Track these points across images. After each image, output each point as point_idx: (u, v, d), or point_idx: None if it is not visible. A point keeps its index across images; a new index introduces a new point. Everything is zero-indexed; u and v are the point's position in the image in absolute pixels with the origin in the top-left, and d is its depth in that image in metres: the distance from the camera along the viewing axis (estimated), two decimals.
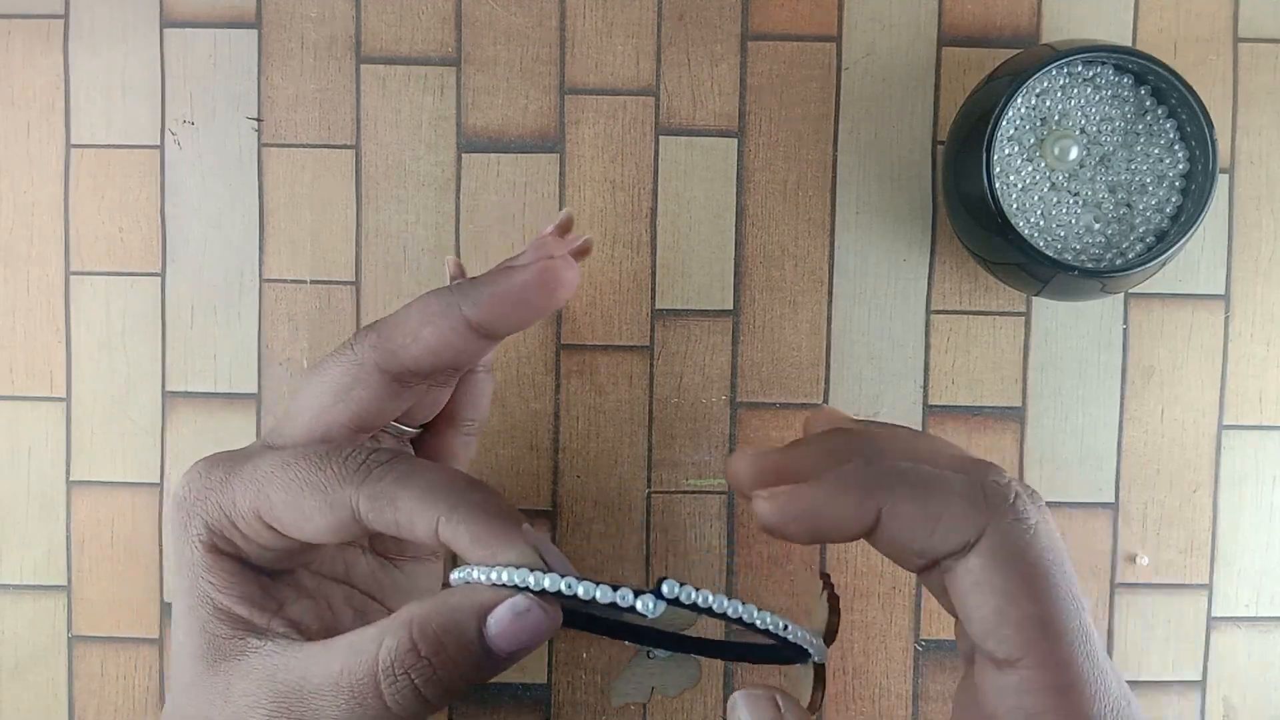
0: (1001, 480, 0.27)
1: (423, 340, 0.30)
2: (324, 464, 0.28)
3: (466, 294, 0.30)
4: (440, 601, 0.26)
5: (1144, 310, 0.42)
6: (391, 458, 0.27)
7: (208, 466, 0.30)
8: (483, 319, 0.30)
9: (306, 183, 0.42)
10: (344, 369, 0.31)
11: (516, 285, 0.30)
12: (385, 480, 0.27)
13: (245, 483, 0.29)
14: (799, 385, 0.42)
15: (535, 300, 0.30)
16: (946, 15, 0.42)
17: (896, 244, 0.42)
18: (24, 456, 0.43)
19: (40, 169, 0.42)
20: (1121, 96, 0.38)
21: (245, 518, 0.28)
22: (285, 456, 0.28)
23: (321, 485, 0.27)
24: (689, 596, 0.25)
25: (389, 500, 0.27)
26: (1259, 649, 0.42)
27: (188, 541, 0.29)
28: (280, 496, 0.28)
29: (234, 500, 0.29)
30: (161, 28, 0.42)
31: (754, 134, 0.42)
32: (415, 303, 0.31)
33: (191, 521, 0.29)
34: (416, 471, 0.27)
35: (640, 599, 0.25)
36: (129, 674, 0.43)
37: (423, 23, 0.42)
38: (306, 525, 0.28)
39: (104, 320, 0.43)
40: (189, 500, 0.30)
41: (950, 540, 0.26)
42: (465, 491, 0.27)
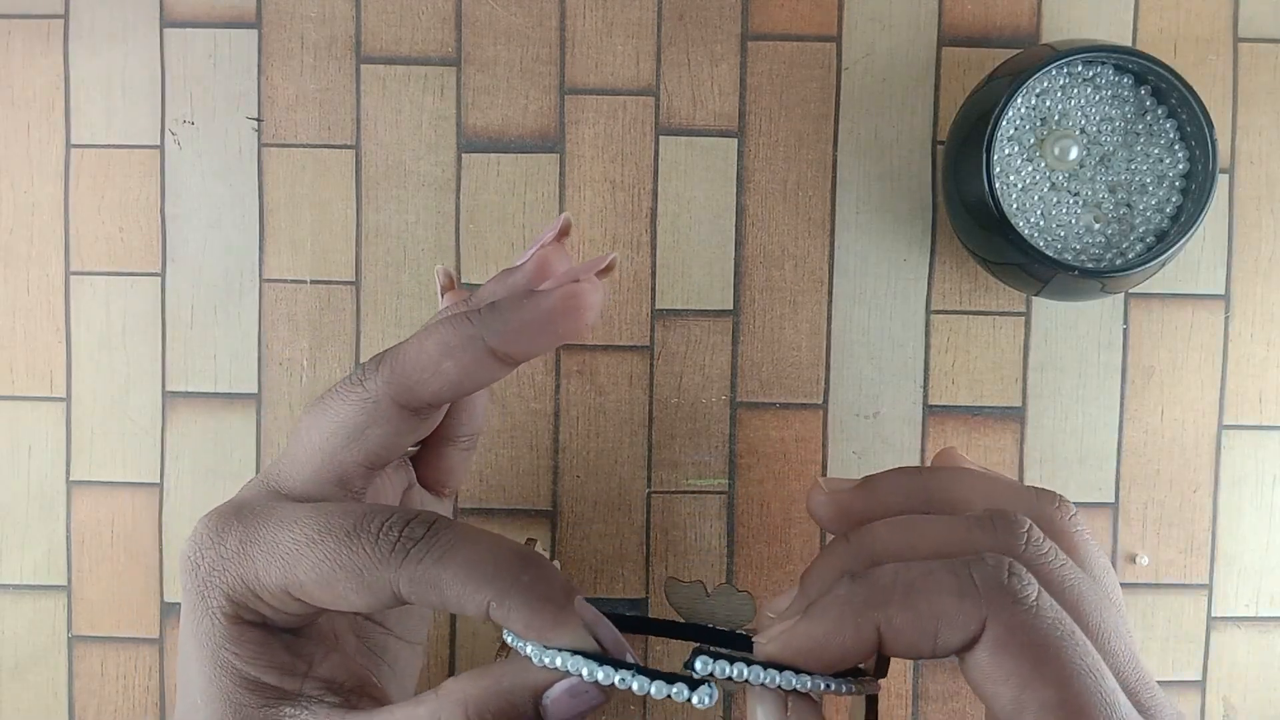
0: (990, 564, 0.26)
1: (445, 374, 0.29)
2: (355, 542, 0.26)
3: (488, 325, 0.28)
4: (495, 682, 0.26)
5: (1144, 310, 0.42)
6: (427, 530, 0.26)
7: (218, 529, 0.28)
8: (508, 349, 0.29)
9: (306, 183, 0.42)
10: (356, 407, 0.29)
11: (543, 313, 0.29)
12: (426, 561, 0.25)
13: (267, 556, 0.27)
14: (799, 385, 0.42)
15: (562, 328, 0.29)
16: (946, 15, 0.42)
17: (896, 244, 0.42)
18: (24, 456, 0.43)
19: (40, 169, 0.42)
20: (1121, 96, 0.38)
21: (271, 592, 0.27)
22: (308, 528, 0.26)
23: (356, 568, 0.26)
24: (723, 671, 0.26)
25: (432, 584, 0.25)
26: (1259, 649, 0.42)
27: (207, 613, 0.28)
28: (310, 577, 0.26)
29: (257, 575, 0.27)
30: (161, 28, 0.42)
31: (754, 134, 0.42)
32: (431, 334, 0.29)
33: (209, 593, 0.28)
34: (458, 547, 0.26)
35: (696, 694, 0.25)
36: (129, 674, 0.43)
37: (423, 23, 0.42)
38: (342, 604, 0.26)
39: (104, 320, 0.43)
40: (203, 569, 0.28)
41: (954, 640, 0.26)
42: (515, 573, 0.25)
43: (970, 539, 0.28)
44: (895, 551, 0.29)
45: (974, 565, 0.26)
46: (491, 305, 0.29)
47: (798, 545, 0.42)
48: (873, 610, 0.26)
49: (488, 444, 0.42)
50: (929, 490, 0.31)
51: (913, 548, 0.28)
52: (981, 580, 0.26)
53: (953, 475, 0.31)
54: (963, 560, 0.27)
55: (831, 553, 0.30)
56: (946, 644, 0.26)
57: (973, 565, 0.26)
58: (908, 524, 0.29)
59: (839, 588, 0.27)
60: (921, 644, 0.26)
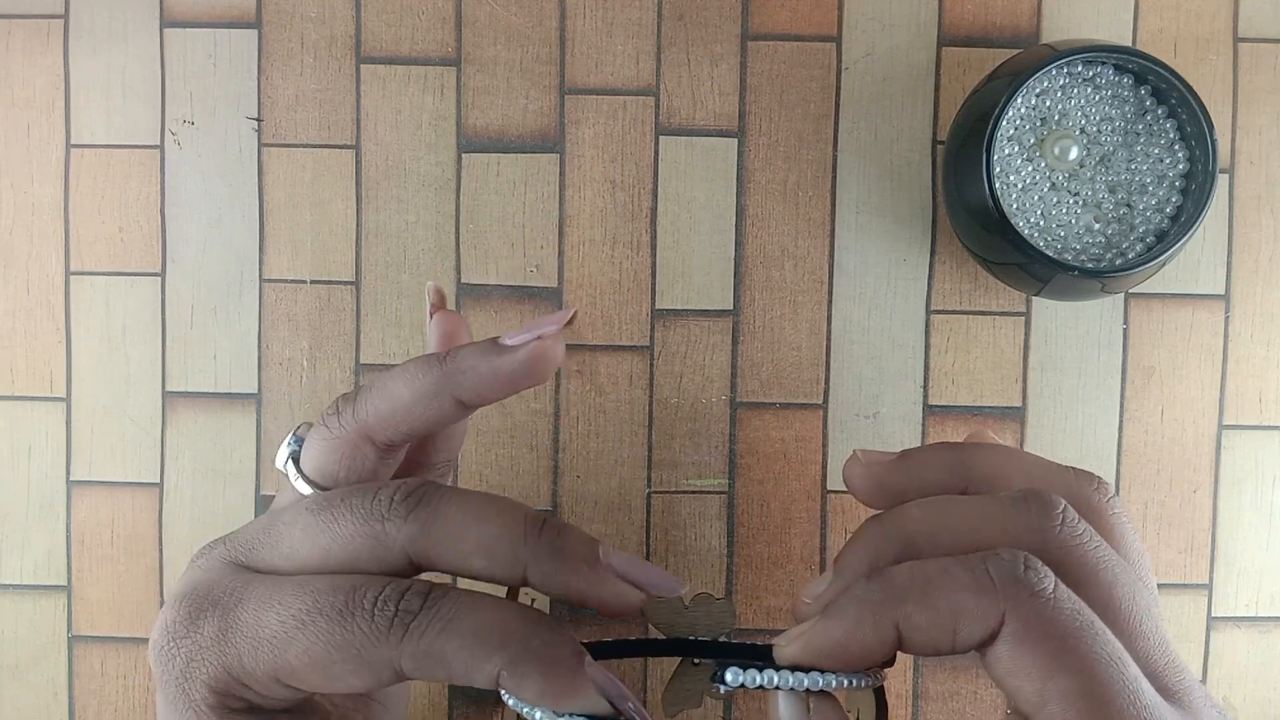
0: (1006, 558, 0.26)
1: (412, 417, 0.29)
2: (349, 620, 0.24)
3: (455, 378, 0.29)
4: None
5: (1144, 310, 0.42)
6: (424, 601, 0.25)
7: (190, 617, 0.26)
8: (472, 400, 0.30)
9: (306, 183, 0.42)
10: (328, 444, 0.30)
11: (509, 370, 0.29)
12: (429, 634, 0.24)
13: (251, 642, 0.25)
14: (799, 385, 0.42)
15: (523, 382, 0.30)
16: (946, 15, 0.42)
17: (896, 244, 0.42)
18: (24, 456, 0.43)
19: (40, 169, 0.42)
20: (1121, 96, 0.38)
21: (258, 680, 0.25)
22: (294, 609, 0.25)
23: (353, 648, 0.24)
24: (754, 681, 0.26)
25: (437, 658, 0.24)
26: (1259, 649, 0.42)
27: (189, 707, 0.26)
28: (302, 661, 0.25)
29: (241, 662, 0.25)
30: (161, 28, 0.42)
31: (754, 134, 0.42)
32: (403, 381, 0.29)
33: (190, 684, 0.26)
34: (460, 616, 0.25)
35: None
36: (129, 674, 0.43)
37: (423, 23, 0.42)
38: (338, 686, 0.25)
39: (104, 320, 0.43)
40: (179, 661, 0.26)
41: (974, 635, 0.26)
42: (525, 639, 0.25)
43: (1005, 520, 0.28)
44: (928, 532, 0.28)
45: (990, 560, 0.26)
46: (457, 355, 0.29)
47: (798, 545, 0.42)
48: (891, 609, 0.26)
49: (488, 444, 0.42)
50: (967, 467, 0.31)
51: (947, 529, 0.28)
52: (998, 575, 0.26)
53: (991, 452, 0.31)
54: (979, 555, 0.27)
55: (864, 536, 0.30)
56: (966, 640, 0.26)
57: (989, 560, 0.26)
58: (942, 505, 0.29)
59: (856, 588, 0.27)
60: (941, 641, 0.26)
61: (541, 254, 0.42)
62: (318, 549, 0.26)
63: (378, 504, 0.26)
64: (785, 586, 0.42)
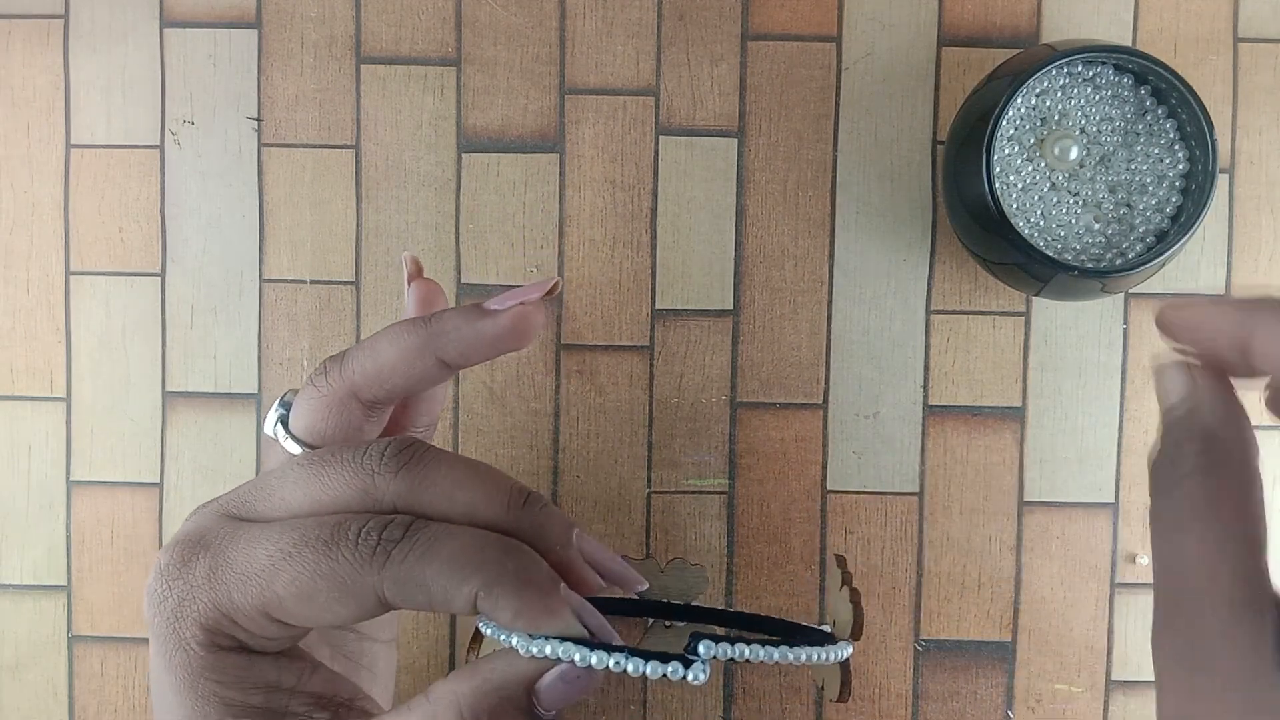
0: None
1: (396, 376, 0.30)
2: (334, 550, 0.25)
3: (439, 339, 0.30)
4: (484, 680, 0.25)
5: (1144, 310, 0.42)
6: (405, 530, 0.25)
7: (183, 558, 0.27)
8: (455, 360, 0.30)
9: (306, 183, 0.42)
10: (317, 403, 0.31)
11: (492, 333, 0.30)
12: (409, 560, 0.25)
13: (241, 577, 0.26)
14: (799, 385, 0.42)
15: (507, 344, 0.31)
16: (946, 15, 0.42)
17: (896, 244, 0.42)
18: (24, 456, 0.43)
19: (40, 169, 0.42)
20: (1121, 96, 0.38)
21: (248, 614, 0.26)
22: (281, 543, 0.26)
23: (337, 575, 0.25)
24: (725, 654, 0.26)
25: (417, 582, 0.25)
26: None
27: (180, 646, 0.27)
28: (289, 591, 0.25)
29: (231, 598, 0.26)
30: (161, 28, 0.42)
31: (754, 134, 0.42)
32: (387, 338, 0.30)
33: (181, 622, 0.26)
34: (439, 542, 0.25)
35: (691, 670, 0.25)
36: (129, 674, 0.43)
37: (423, 23, 0.42)
38: (324, 616, 0.26)
39: (104, 320, 0.43)
40: (172, 601, 0.27)
41: None
42: (499, 561, 0.25)
43: None
44: None
45: None
46: (442, 317, 0.30)
47: (798, 545, 0.42)
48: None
49: (488, 444, 0.42)
50: None
51: None
52: None
53: None
54: None
55: None
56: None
57: None
58: None
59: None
60: None
61: (541, 254, 0.42)
62: (308, 500, 0.27)
63: (368, 458, 0.26)
64: (785, 586, 0.42)
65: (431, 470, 0.26)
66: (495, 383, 0.42)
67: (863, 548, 0.42)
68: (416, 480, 0.26)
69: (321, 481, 0.27)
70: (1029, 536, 0.42)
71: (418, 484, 0.26)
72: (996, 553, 0.42)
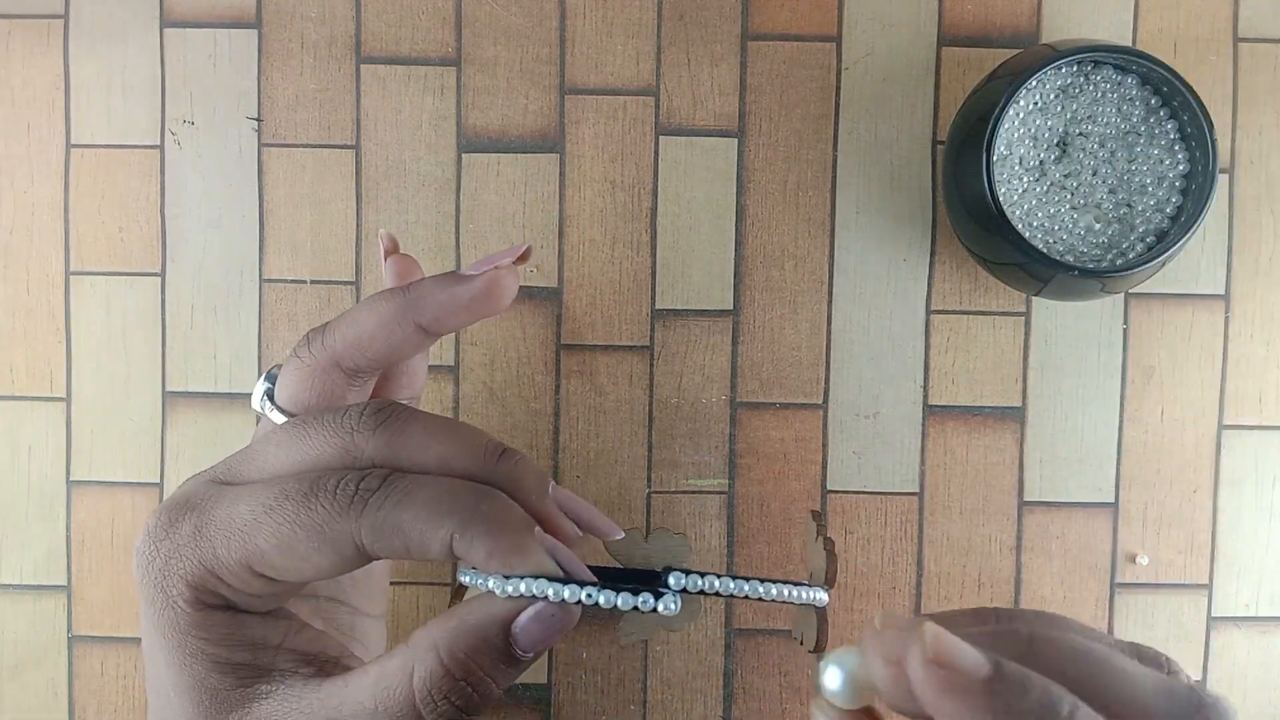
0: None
1: (377, 343, 0.31)
2: (313, 501, 0.26)
3: (416, 305, 0.31)
4: (461, 622, 0.26)
5: (1144, 310, 0.42)
6: (382, 481, 0.26)
7: (170, 519, 0.27)
8: (432, 326, 0.31)
9: (306, 183, 0.42)
10: (303, 373, 0.32)
11: (467, 297, 0.31)
12: (385, 506, 0.25)
13: (224, 533, 0.26)
14: (799, 385, 0.42)
15: (481, 308, 0.31)
16: (946, 15, 0.42)
17: (896, 244, 0.42)
18: (24, 456, 0.43)
19: (40, 169, 0.42)
20: (1121, 97, 0.38)
21: (232, 570, 0.26)
22: (264, 498, 0.26)
23: (316, 525, 0.25)
24: (695, 585, 0.26)
25: (394, 527, 0.25)
26: (1259, 649, 0.42)
27: (168, 604, 0.27)
28: (270, 543, 0.26)
29: (215, 554, 0.26)
30: (161, 28, 0.42)
31: (754, 134, 0.42)
32: (367, 308, 0.31)
33: (168, 581, 0.27)
34: (415, 489, 0.26)
35: (661, 601, 0.26)
36: (129, 674, 0.43)
37: (423, 23, 0.42)
38: (305, 568, 0.26)
39: (104, 320, 0.43)
40: (159, 561, 0.27)
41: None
42: (473, 504, 0.26)
43: None
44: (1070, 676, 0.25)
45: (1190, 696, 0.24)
46: (419, 285, 0.31)
47: (798, 545, 0.42)
48: None
49: None
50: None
51: (1093, 685, 0.25)
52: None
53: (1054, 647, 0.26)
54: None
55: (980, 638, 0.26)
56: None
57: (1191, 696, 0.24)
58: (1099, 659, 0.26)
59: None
60: None
61: (541, 254, 0.42)
62: (290, 461, 0.27)
63: (348, 418, 0.27)
64: None
65: (408, 426, 0.27)
66: (495, 383, 0.42)
67: (863, 548, 0.42)
68: (394, 436, 0.27)
69: (303, 443, 0.27)
70: (1029, 536, 0.42)
71: (395, 440, 0.27)
72: (996, 553, 0.42)
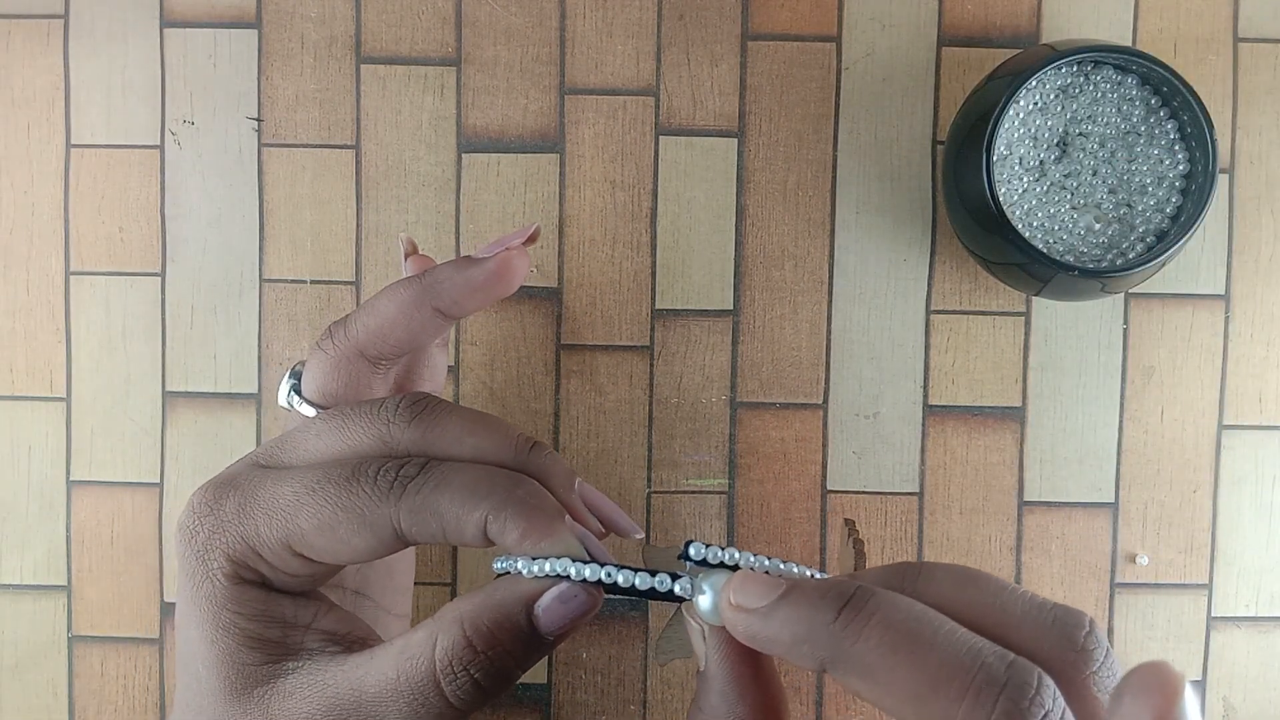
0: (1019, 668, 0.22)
1: (398, 328, 0.33)
2: (354, 485, 0.27)
3: (434, 290, 0.33)
4: (487, 597, 0.27)
5: (1144, 310, 0.42)
6: (421, 467, 0.27)
7: (215, 496, 0.29)
8: (450, 309, 0.33)
9: (306, 183, 0.42)
10: (331, 362, 0.33)
11: (480, 279, 0.33)
12: (424, 491, 0.27)
13: (267, 512, 0.27)
14: (799, 385, 0.42)
15: (495, 289, 0.33)
16: (946, 15, 0.42)
17: (896, 244, 0.42)
18: (24, 456, 0.43)
19: (40, 169, 0.42)
20: (1121, 97, 0.38)
21: (272, 548, 0.28)
22: (307, 481, 0.27)
23: (356, 508, 0.27)
24: (715, 557, 0.26)
25: (431, 511, 0.26)
26: (1259, 649, 0.42)
27: (207, 577, 0.28)
28: (312, 524, 0.27)
29: (258, 531, 0.28)
30: (161, 28, 0.42)
31: (754, 134, 0.42)
32: (387, 296, 0.33)
33: (210, 555, 0.28)
34: (452, 474, 0.27)
35: (679, 583, 0.26)
36: (129, 674, 0.43)
37: (423, 23, 0.42)
38: (343, 549, 0.27)
39: (104, 320, 0.43)
40: (202, 535, 0.28)
41: None
42: (508, 489, 0.27)
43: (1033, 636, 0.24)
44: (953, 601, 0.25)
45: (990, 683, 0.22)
46: (435, 270, 0.33)
47: (797, 545, 0.42)
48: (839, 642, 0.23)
49: None
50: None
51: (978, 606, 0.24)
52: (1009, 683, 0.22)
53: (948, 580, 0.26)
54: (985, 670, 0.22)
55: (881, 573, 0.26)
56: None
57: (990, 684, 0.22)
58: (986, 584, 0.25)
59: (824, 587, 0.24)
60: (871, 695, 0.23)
61: (541, 254, 0.42)
62: (329, 449, 0.29)
63: (384, 410, 0.29)
64: None
65: (443, 418, 0.28)
66: (495, 383, 0.42)
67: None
68: (429, 427, 0.28)
69: (342, 432, 0.29)
70: (1029, 536, 0.42)
71: (430, 430, 0.28)
72: (996, 553, 0.42)
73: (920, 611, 0.23)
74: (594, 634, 0.42)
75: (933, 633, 0.23)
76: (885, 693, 0.23)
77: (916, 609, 0.23)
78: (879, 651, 0.23)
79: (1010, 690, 0.22)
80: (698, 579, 0.26)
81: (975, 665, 0.22)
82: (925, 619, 0.23)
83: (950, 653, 0.22)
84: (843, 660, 0.23)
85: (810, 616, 0.23)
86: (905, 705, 0.22)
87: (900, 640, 0.23)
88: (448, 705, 0.26)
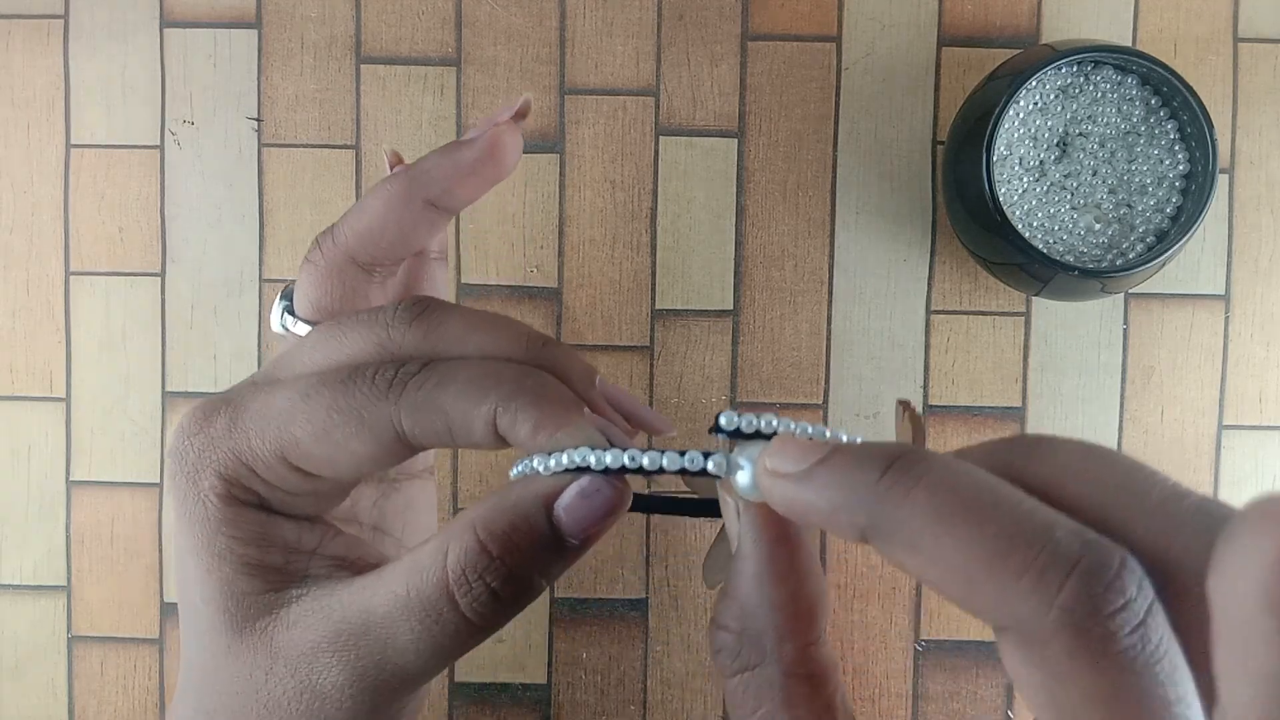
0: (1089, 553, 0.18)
1: (390, 225, 0.29)
2: (351, 386, 0.24)
3: (422, 179, 0.29)
4: (501, 499, 0.24)
5: (1144, 310, 0.42)
6: (422, 366, 0.25)
7: (205, 413, 0.26)
8: (442, 200, 0.29)
9: (306, 183, 0.42)
10: (320, 272, 0.30)
11: (468, 160, 0.29)
12: (425, 387, 0.24)
13: (259, 423, 0.25)
14: (799, 385, 0.42)
15: (487, 170, 0.29)
16: (946, 15, 0.42)
17: (896, 244, 0.42)
18: (24, 456, 0.43)
19: (40, 169, 0.42)
20: (1121, 97, 0.38)
21: (266, 462, 0.25)
22: (302, 387, 0.25)
23: (354, 409, 0.24)
24: (750, 425, 0.23)
25: (434, 407, 0.24)
26: None
27: (197, 499, 0.26)
28: (306, 431, 0.24)
29: (249, 444, 0.25)
30: (161, 28, 0.42)
31: (754, 134, 0.42)
32: (375, 193, 0.30)
33: (200, 475, 0.26)
34: (456, 369, 0.24)
35: (711, 459, 0.22)
36: (129, 674, 0.43)
37: (423, 23, 0.42)
38: (342, 457, 0.25)
39: (104, 320, 0.43)
40: (191, 455, 0.26)
41: (985, 612, 0.18)
42: (518, 379, 0.24)
43: None
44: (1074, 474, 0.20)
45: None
46: (422, 160, 0.30)
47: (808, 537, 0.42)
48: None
49: None
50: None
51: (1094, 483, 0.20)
52: (1061, 561, 0.18)
53: None
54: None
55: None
56: (973, 606, 0.19)
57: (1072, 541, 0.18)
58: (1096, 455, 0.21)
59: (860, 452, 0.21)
60: (912, 565, 0.20)
61: (541, 254, 0.42)
62: (327, 359, 0.26)
63: (384, 314, 0.26)
64: None
65: (447, 318, 0.26)
66: None
67: (862, 548, 0.42)
68: (432, 328, 0.26)
69: (339, 340, 0.26)
70: None
71: (433, 332, 0.26)
72: None
73: (981, 477, 0.19)
74: (594, 634, 0.42)
75: (994, 499, 0.19)
76: (932, 567, 0.19)
77: (977, 473, 0.20)
78: (926, 518, 0.19)
79: (1083, 571, 0.17)
80: (733, 454, 0.22)
81: (1042, 540, 0.18)
82: (985, 484, 0.19)
83: (1012, 523, 0.18)
84: (884, 527, 0.19)
85: (852, 479, 0.20)
86: (955, 583, 0.19)
87: (954, 506, 0.19)
88: (463, 619, 0.24)
